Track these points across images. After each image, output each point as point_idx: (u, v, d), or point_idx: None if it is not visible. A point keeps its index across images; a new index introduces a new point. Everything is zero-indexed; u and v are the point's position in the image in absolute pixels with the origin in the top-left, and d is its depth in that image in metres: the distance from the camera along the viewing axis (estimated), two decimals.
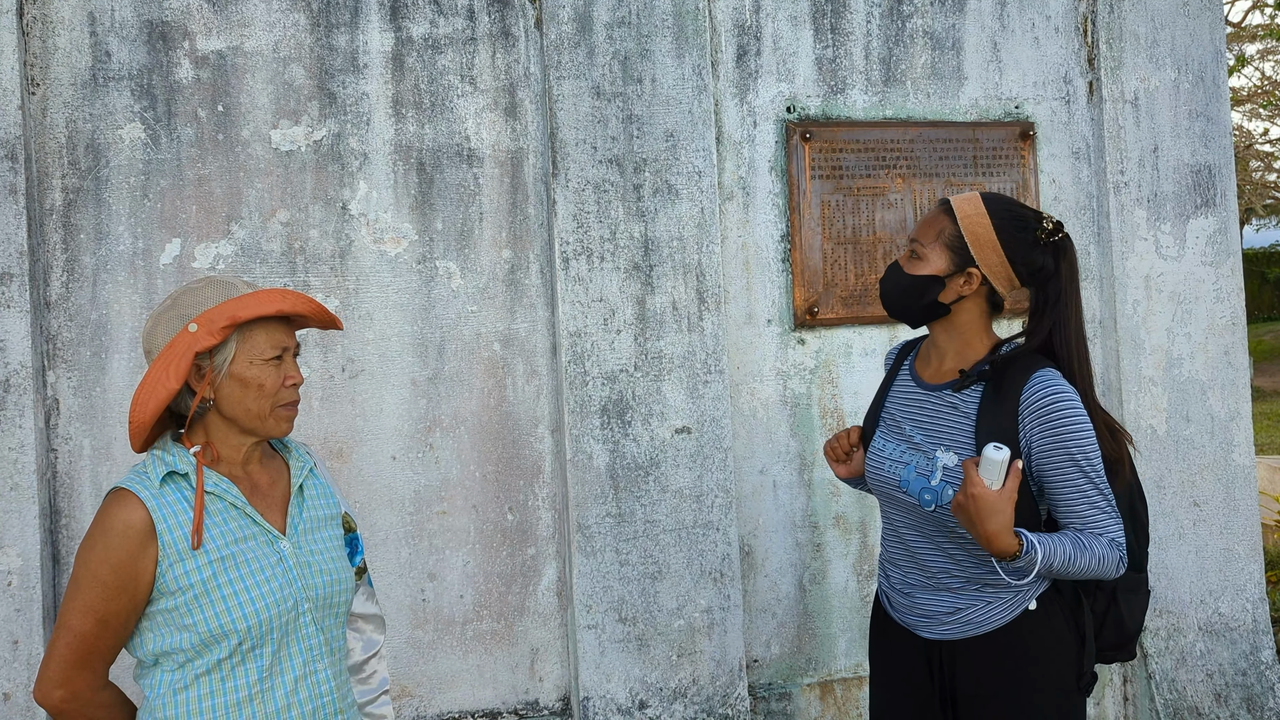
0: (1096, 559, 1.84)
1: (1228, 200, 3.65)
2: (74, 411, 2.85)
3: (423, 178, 3.11)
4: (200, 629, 1.54)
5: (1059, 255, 1.93)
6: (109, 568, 1.52)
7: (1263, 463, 7.51)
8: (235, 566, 1.58)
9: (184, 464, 1.60)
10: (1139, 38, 3.59)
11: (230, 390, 1.61)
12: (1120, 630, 1.99)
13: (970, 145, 3.49)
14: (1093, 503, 1.86)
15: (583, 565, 3.08)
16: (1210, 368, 3.60)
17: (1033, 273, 1.93)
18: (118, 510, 1.55)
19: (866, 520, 3.43)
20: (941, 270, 1.94)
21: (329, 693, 1.66)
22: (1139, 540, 1.98)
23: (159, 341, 1.60)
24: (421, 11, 3.11)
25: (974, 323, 1.98)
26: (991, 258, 1.91)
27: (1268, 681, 3.56)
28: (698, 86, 3.21)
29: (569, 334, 3.10)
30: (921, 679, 2.02)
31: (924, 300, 1.96)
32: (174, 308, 1.62)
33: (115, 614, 1.53)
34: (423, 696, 3.09)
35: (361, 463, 3.04)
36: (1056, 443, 1.85)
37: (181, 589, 1.54)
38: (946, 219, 1.95)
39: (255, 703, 1.58)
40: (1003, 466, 1.79)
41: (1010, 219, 1.92)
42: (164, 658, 1.57)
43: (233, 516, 1.61)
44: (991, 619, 1.93)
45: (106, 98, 2.89)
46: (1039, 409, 1.86)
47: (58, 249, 2.86)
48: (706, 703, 3.14)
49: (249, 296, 1.61)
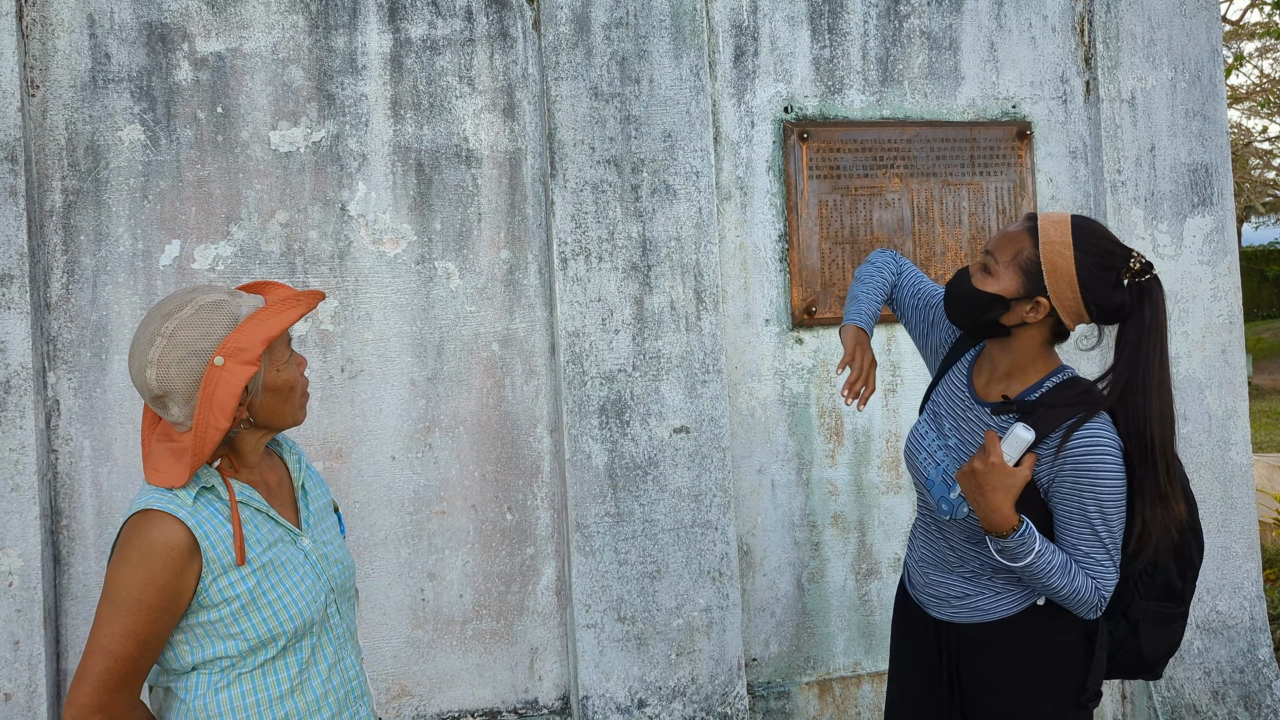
0: (1077, 589, 1.83)
1: (1225, 199, 3.66)
2: (74, 412, 2.86)
3: (421, 179, 3.11)
4: (249, 636, 1.56)
5: (1143, 297, 1.82)
6: (155, 590, 1.50)
7: (1262, 461, 7.52)
8: (274, 572, 1.60)
9: (209, 479, 1.59)
10: (1136, 37, 3.60)
11: (268, 402, 1.62)
12: (1136, 657, 1.96)
13: (967, 145, 3.50)
14: (1095, 547, 1.83)
15: (582, 565, 3.09)
16: (1207, 366, 3.61)
17: (1106, 313, 1.84)
18: (156, 533, 1.52)
19: (865, 519, 3.44)
20: (1009, 293, 1.85)
21: (356, 676, 1.72)
22: (1183, 576, 1.93)
23: (179, 385, 1.52)
24: (420, 13, 3.12)
25: (1032, 349, 1.91)
26: (1065, 292, 1.82)
27: (1265, 679, 3.57)
28: (695, 87, 3.22)
29: (567, 334, 3.11)
30: (932, 657, 2.04)
31: (984, 318, 1.89)
32: (178, 345, 1.52)
33: (157, 634, 1.53)
34: (422, 696, 3.10)
35: (361, 463, 3.05)
36: (1078, 492, 1.82)
37: (227, 600, 1.55)
38: (1028, 240, 1.85)
39: (296, 695, 1.61)
40: (1025, 448, 1.79)
41: (1095, 254, 1.82)
42: (203, 665, 1.58)
43: (261, 522, 1.62)
44: (999, 608, 1.95)
45: (106, 100, 2.89)
46: (1075, 458, 1.81)
47: (58, 250, 2.87)
48: (705, 701, 3.15)
49: (265, 312, 1.57)
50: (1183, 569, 1.92)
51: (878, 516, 3.45)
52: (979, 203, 3.52)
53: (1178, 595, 1.93)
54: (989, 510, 1.80)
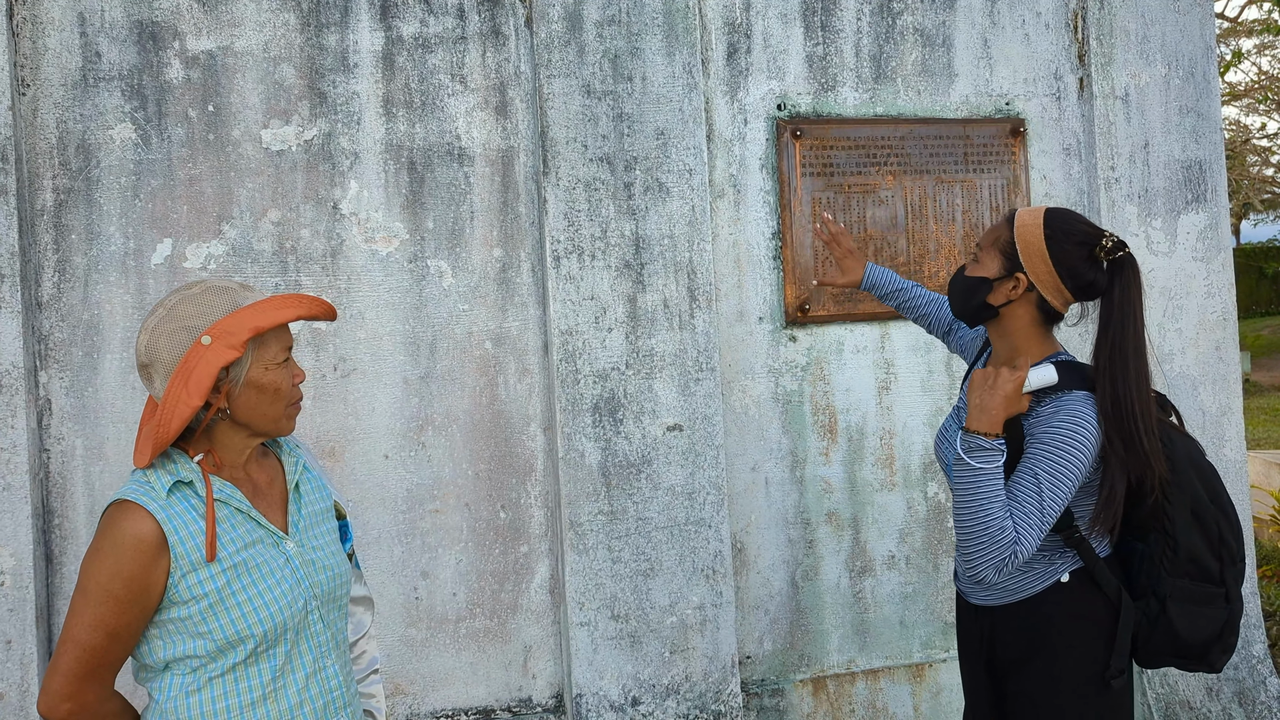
0: (1003, 527, 1.87)
1: (1218, 196, 3.65)
2: (66, 412, 2.86)
3: (414, 177, 3.11)
4: (216, 636, 1.55)
5: (1115, 273, 1.96)
6: (121, 581, 1.50)
7: (1259, 457, 7.53)
8: (247, 572, 1.58)
9: (188, 473, 1.58)
10: (1129, 34, 3.60)
11: (248, 398, 1.60)
12: (1173, 638, 1.96)
13: (961, 142, 3.49)
14: (1032, 501, 1.90)
15: (575, 563, 3.09)
16: (1201, 363, 3.61)
17: (1082, 287, 1.98)
18: (126, 523, 1.52)
19: (858, 517, 3.43)
20: (991, 273, 2.02)
21: (338, 687, 1.68)
22: (1216, 555, 1.95)
23: (164, 355, 1.55)
24: (412, 10, 3.11)
25: (1023, 330, 2.03)
26: (1039, 266, 1.97)
27: (1259, 675, 3.57)
28: (688, 84, 3.22)
29: (560, 332, 3.11)
30: (976, 647, 2.14)
31: (974, 300, 2.05)
32: (174, 318, 1.56)
33: (126, 626, 1.52)
34: (416, 694, 3.10)
35: (354, 461, 3.05)
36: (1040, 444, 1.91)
37: (195, 598, 1.54)
38: (1006, 227, 2.03)
39: (269, 702, 1.59)
40: (1044, 385, 1.92)
41: (1064, 231, 1.98)
42: (175, 663, 1.57)
43: (239, 522, 1.61)
44: (1025, 587, 2.01)
45: (97, 98, 2.89)
46: (1051, 415, 1.93)
47: (49, 249, 2.86)
48: (699, 699, 3.15)
49: (264, 305, 1.58)
50: (1213, 545, 1.94)
51: (872, 513, 3.45)
52: (973, 200, 3.52)
53: (1214, 575, 1.95)
54: (983, 409, 1.91)
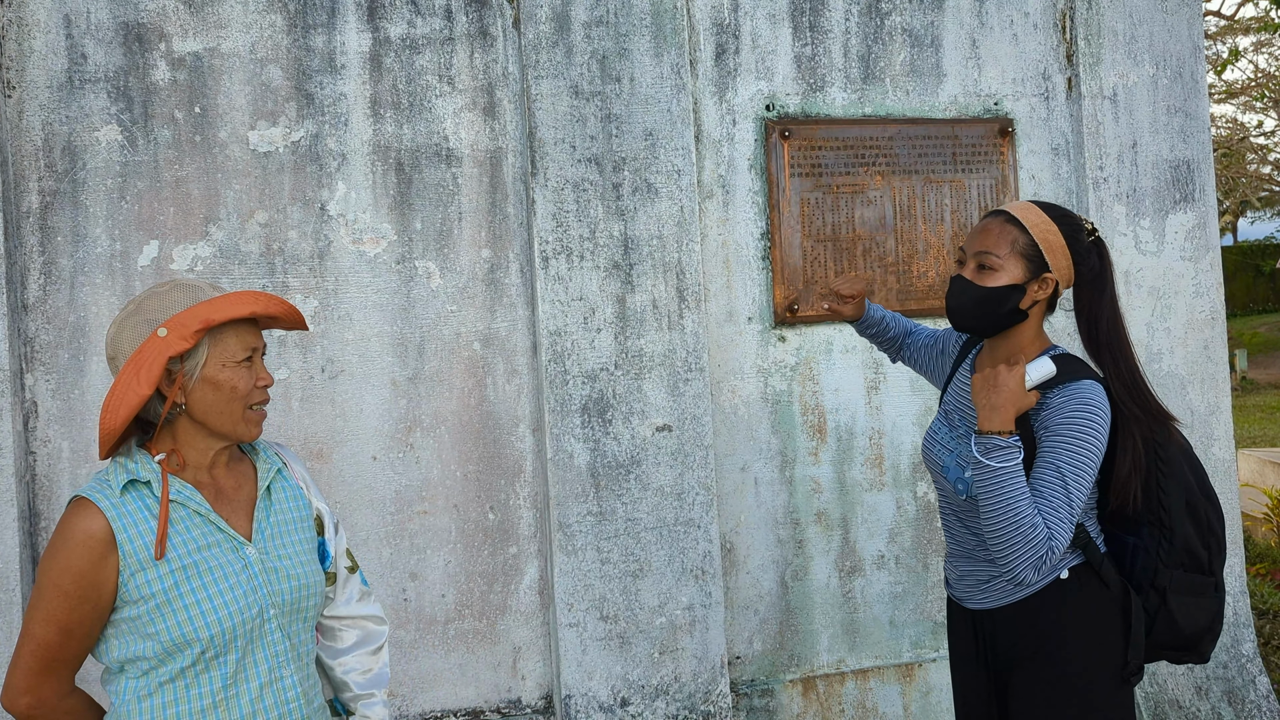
0: (1035, 524, 1.84)
1: (1206, 195, 3.66)
2: (52, 414, 2.86)
3: (401, 178, 3.11)
4: (163, 638, 1.54)
5: (1102, 253, 2.05)
6: (70, 577, 1.52)
7: (1253, 455, 7.53)
8: (198, 575, 1.57)
9: (146, 472, 1.59)
10: (1117, 34, 3.60)
11: (203, 394, 1.60)
12: (1173, 630, 1.99)
13: (950, 142, 3.49)
14: (1058, 492, 1.88)
15: (564, 564, 3.09)
16: (1190, 362, 3.61)
17: (1084, 273, 2.04)
18: (78, 520, 1.54)
19: (848, 517, 3.44)
20: (1020, 279, 2.01)
21: (295, 699, 1.65)
22: (1205, 545, 1.99)
23: (125, 347, 1.58)
24: (399, 12, 3.11)
25: (1035, 327, 2.08)
26: (1062, 261, 2.01)
27: (1249, 674, 3.57)
28: (676, 85, 3.22)
29: (549, 333, 3.11)
30: (972, 652, 2.14)
31: (1005, 308, 2.02)
32: (139, 312, 1.59)
33: (79, 623, 1.53)
34: (405, 696, 3.10)
35: (342, 463, 3.05)
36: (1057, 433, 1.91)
37: (144, 598, 1.54)
38: (1015, 229, 2.02)
39: (220, 709, 1.58)
40: (1044, 378, 1.93)
41: (1070, 225, 2.03)
42: (129, 664, 1.57)
43: (196, 524, 1.60)
44: (1024, 587, 2.01)
45: (83, 100, 2.89)
46: (1064, 402, 1.94)
47: (35, 251, 2.86)
48: (688, 700, 3.15)
49: (220, 299, 1.60)
50: (1203, 535, 1.98)
51: (861, 513, 3.45)
52: (961, 200, 3.52)
53: (1204, 565, 1.99)
54: (993, 408, 1.91)
